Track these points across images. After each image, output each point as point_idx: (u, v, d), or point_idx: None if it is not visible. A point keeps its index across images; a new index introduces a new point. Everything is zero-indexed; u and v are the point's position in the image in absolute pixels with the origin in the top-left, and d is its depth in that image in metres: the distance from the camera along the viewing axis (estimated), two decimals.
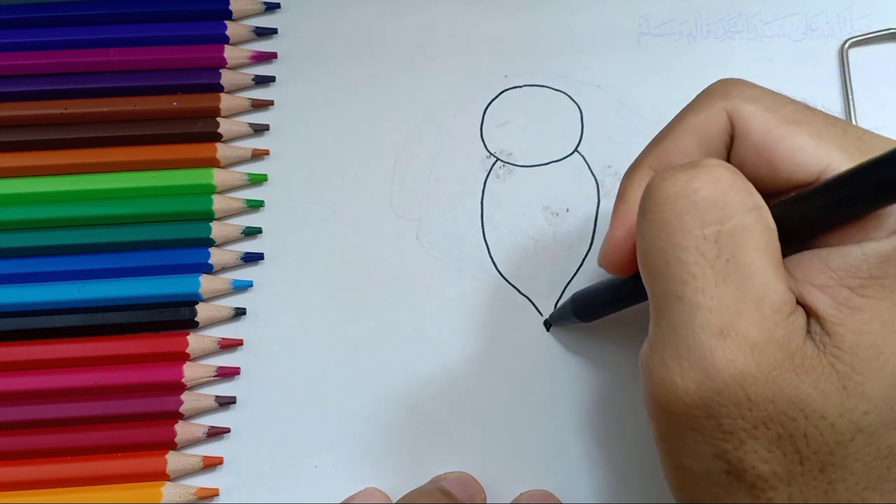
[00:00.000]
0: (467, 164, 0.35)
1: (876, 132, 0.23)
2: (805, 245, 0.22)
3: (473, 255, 0.34)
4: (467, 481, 0.31)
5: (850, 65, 0.36)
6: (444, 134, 0.36)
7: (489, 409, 0.32)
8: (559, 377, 0.32)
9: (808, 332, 0.21)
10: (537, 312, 0.33)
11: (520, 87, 0.36)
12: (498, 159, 0.35)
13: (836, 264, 0.21)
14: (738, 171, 0.22)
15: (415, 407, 0.32)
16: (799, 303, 0.21)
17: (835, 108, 0.35)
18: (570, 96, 0.36)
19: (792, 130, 0.23)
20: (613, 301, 0.29)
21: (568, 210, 0.34)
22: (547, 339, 0.33)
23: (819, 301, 0.21)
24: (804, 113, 0.23)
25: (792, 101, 0.24)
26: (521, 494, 0.31)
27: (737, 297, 0.21)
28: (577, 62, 0.36)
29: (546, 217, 0.34)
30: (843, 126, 0.23)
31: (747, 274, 0.21)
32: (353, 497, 0.30)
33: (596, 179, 0.35)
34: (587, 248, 0.34)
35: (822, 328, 0.21)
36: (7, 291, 0.33)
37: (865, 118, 0.35)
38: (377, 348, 0.33)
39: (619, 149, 0.35)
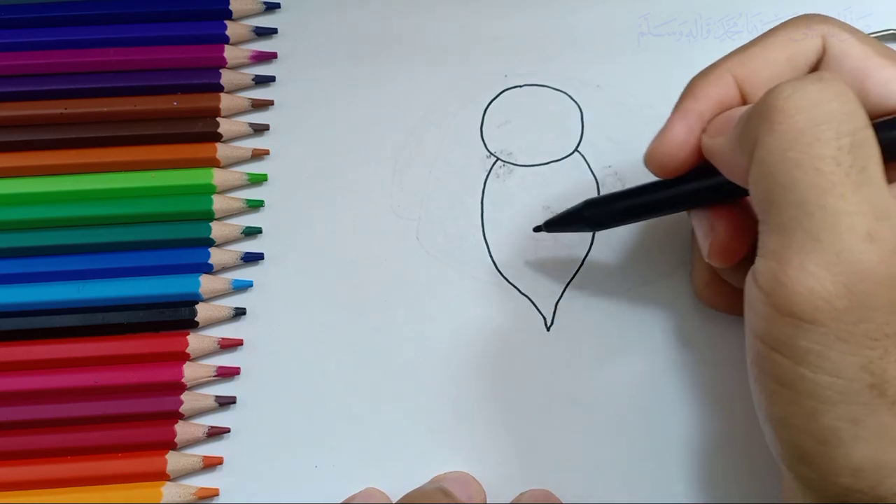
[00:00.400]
0: (467, 164, 0.35)
1: None
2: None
3: (473, 254, 0.34)
4: (467, 481, 0.31)
5: None
6: (444, 134, 0.36)
7: (489, 409, 0.32)
8: (559, 377, 0.32)
9: None
10: (537, 312, 0.33)
11: (520, 87, 0.36)
12: (498, 159, 0.35)
13: None
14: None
15: (415, 407, 0.32)
16: None
17: None
18: (570, 96, 0.36)
19: (885, 63, 0.24)
20: (639, 207, 0.29)
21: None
22: (547, 339, 0.33)
23: None
24: (893, 52, 0.25)
25: (881, 42, 0.26)
26: (521, 494, 0.31)
27: (872, 205, 0.21)
28: (577, 62, 0.36)
29: (546, 217, 0.34)
30: None
31: (877, 184, 0.22)
32: (353, 497, 0.30)
33: (596, 179, 0.35)
34: (587, 248, 0.34)
35: None
36: (7, 291, 0.33)
37: None
38: (377, 348, 0.33)
39: (619, 149, 0.35)
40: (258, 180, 0.35)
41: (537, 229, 0.32)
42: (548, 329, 0.33)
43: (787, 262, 0.22)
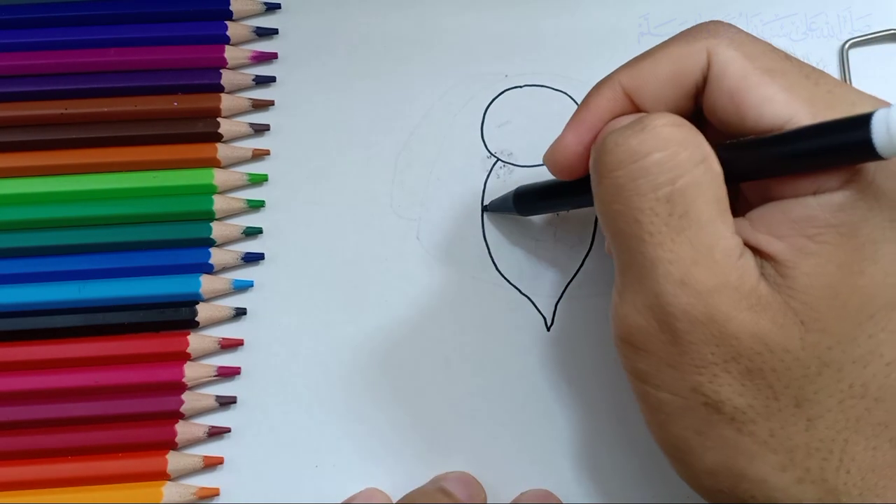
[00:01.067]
0: (468, 164, 0.35)
1: (846, 84, 0.24)
2: (766, 195, 0.23)
3: (474, 255, 0.34)
4: (468, 481, 0.31)
5: (851, 65, 0.36)
6: (444, 134, 0.36)
7: (489, 409, 0.32)
8: (559, 377, 0.32)
9: (763, 274, 0.22)
10: (537, 312, 0.33)
11: (520, 87, 0.36)
12: (498, 159, 0.35)
13: (795, 215, 0.22)
14: (684, 123, 0.23)
15: (415, 407, 0.32)
16: (757, 251, 0.23)
17: None
18: (570, 96, 0.36)
19: (765, 80, 0.23)
20: (551, 198, 0.31)
21: (568, 210, 0.34)
22: (547, 339, 0.33)
23: (776, 247, 0.22)
24: (782, 63, 0.24)
25: (774, 49, 0.25)
26: (522, 494, 0.31)
27: (691, 249, 0.22)
28: (578, 62, 0.36)
29: (546, 217, 0.34)
30: (818, 78, 0.24)
31: (699, 226, 0.22)
32: (353, 497, 0.31)
33: None
34: (587, 248, 0.34)
35: (777, 271, 0.22)
36: (7, 291, 0.33)
37: None
38: (377, 348, 0.33)
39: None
40: (259, 180, 0.35)
41: (484, 209, 0.34)
42: (548, 329, 0.33)
43: (622, 297, 0.24)
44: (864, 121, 0.20)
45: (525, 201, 0.32)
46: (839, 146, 0.21)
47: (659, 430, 0.25)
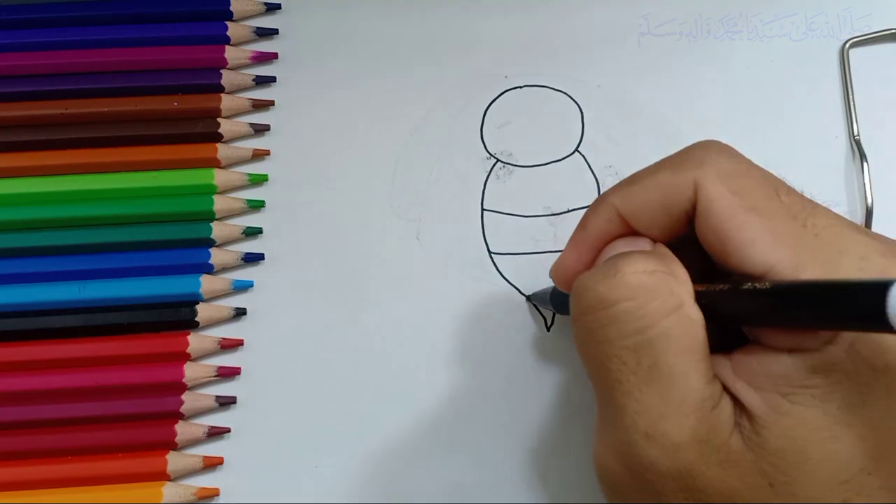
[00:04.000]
0: (467, 165, 0.35)
1: (837, 219, 0.23)
2: (744, 332, 0.23)
3: (474, 255, 0.34)
4: None
5: (851, 65, 0.36)
6: (444, 134, 0.36)
7: (489, 409, 0.32)
8: (559, 377, 0.32)
9: (738, 424, 0.22)
10: (538, 312, 0.33)
11: (520, 87, 0.36)
12: (498, 160, 0.35)
13: (771, 369, 0.22)
14: (660, 265, 0.22)
15: (415, 407, 0.32)
16: (734, 397, 0.22)
17: (835, 108, 0.35)
18: (570, 96, 0.36)
19: (750, 221, 0.22)
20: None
21: (568, 210, 0.34)
22: (547, 339, 0.33)
23: (753, 400, 0.22)
24: (769, 202, 0.23)
25: (764, 182, 0.23)
26: None
27: (660, 401, 0.22)
28: (578, 62, 0.36)
29: (546, 217, 0.34)
30: (807, 217, 0.22)
31: (669, 378, 0.22)
32: None
33: (597, 179, 0.35)
34: None
35: (752, 426, 0.22)
36: (7, 291, 0.33)
37: (865, 118, 0.35)
38: (377, 348, 0.33)
39: (619, 149, 0.35)
40: (259, 181, 0.35)
41: (527, 298, 0.33)
42: (548, 329, 0.33)
43: (598, 436, 0.24)
44: (879, 289, 0.17)
45: (559, 301, 0.31)
46: (839, 312, 0.19)
47: None
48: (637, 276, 0.22)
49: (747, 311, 0.22)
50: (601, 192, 0.34)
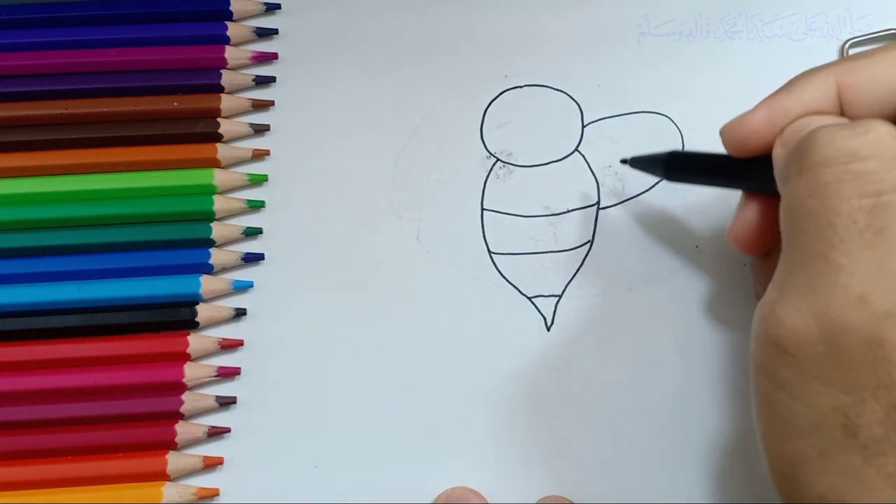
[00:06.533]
0: (467, 165, 0.35)
1: None
2: None
3: (473, 255, 0.34)
4: (472, 496, 0.30)
5: None
6: (444, 134, 0.36)
7: (489, 409, 0.32)
8: (559, 377, 0.32)
9: None
10: (537, 312, 0.33)
11: (520, 87, 0.36)
12: (498, 160, 0.35)
13: None
14: None
15: (415, 407, 0.32)
16: None
17: None
18: (570, 96, 0.36)
19: None
20: (708, 171, 0.29)
21: (568, 210, 0.34)
22: (547, 339, 0.33)
23: None
24: None
25: None
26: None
27: (878, 267, 0.21)
28: (578, 62, 0.36)
29: (546, 217, 0.34)
30: None
31: (892, 247, 0.21)
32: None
33: (596, 179, 0.35)
34: (587, 248, 0.34)
35: None
36: (7, 291, 0.33)
37: None
38: (377, 348, 0.33)
39: (619, 149, 0.35)
40: (259, 181, 0.35)
41: (623, 161, 0.32)
42: (548, 329, 0.33)
43: (785, 296, 0.23)
44: None
45: (678, 165, 0.30)
46: None
47: (777, 442, 0.23)
48: (887, 136, 0.22)
49: None
50: (601, 192, 0.35)
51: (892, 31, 0.36)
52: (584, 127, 0.35)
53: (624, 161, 0.33)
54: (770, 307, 0.23)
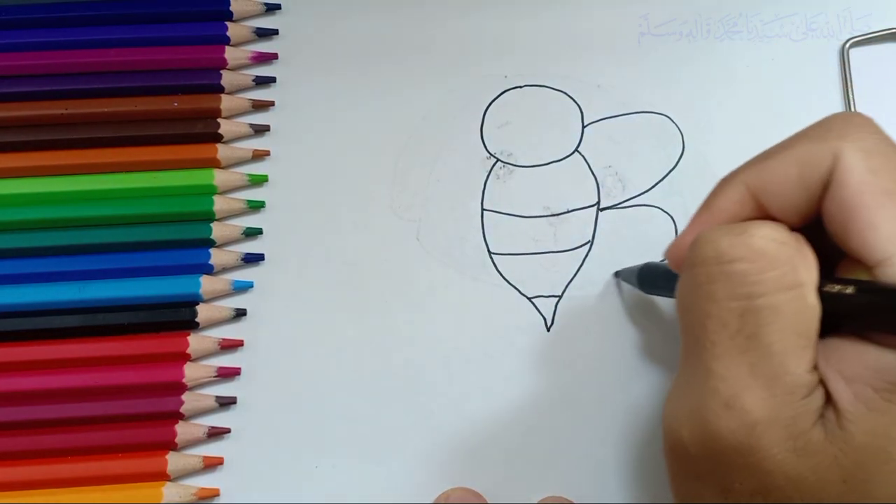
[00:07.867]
0: (467, 165, 0.35)
1: None
2: (854, 329, 0.22)
3: (474, 255, 0.34)
4: (472, 496, 0.30)
5: (851, 65, 0.36)
6: (444, 135, 0.36)
7: (489, 409, 0.32)
8: (559, 377, 0.32)
9: (822, 416, 0.21)
10: (537, 312, 0.33)
11: (520, 87, 0.36)
12: (498, 160, 0.35)
13: (869, 362, 0.21)
14: (790, 240, 0.22)
15: (415, 407, 0.32)
16: (822, 385, 0.21)
17: (835, 108, 0.35)
18: (570, 96, 0.36)
19: (880, 203, 0.21)
20: (670, 286, 0.29)
21: (568, 210, 0.34)
22: (547, 339, 0.33)
23: (842, 392, 0.21)
24: None
25: None
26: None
27: (749, 373, 0.21)
28: (578, 62, 0.36)
29: (546, 217, 0.34)
30: None
31: (766, 352, 0.21)
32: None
33: (596, 179, 0.35)
34: (587, 249, 0.34)
35: (837, 420, 0.21)
36: (7, 292, 0.33)
37: None
38: (377, 348, 0.33)
39: (619, 149, 0.35)
40: (259, 181, 0.35)
41: (615, 274, 0.33)
42: (548, 329, 0.33)
43: (672, 396, 0.23)
44: None
45: (647, 280, 0.31)
46: None
47: None
48: (764, 241, 0.21)
49: (854, 310, 0.21)
50: (601, 193, 0.35)
51: (893, 31, 0.36)
52: (584, 127, 0.35)
53: (617, 274, 0.33)
54: (666, 400, 0.24)
